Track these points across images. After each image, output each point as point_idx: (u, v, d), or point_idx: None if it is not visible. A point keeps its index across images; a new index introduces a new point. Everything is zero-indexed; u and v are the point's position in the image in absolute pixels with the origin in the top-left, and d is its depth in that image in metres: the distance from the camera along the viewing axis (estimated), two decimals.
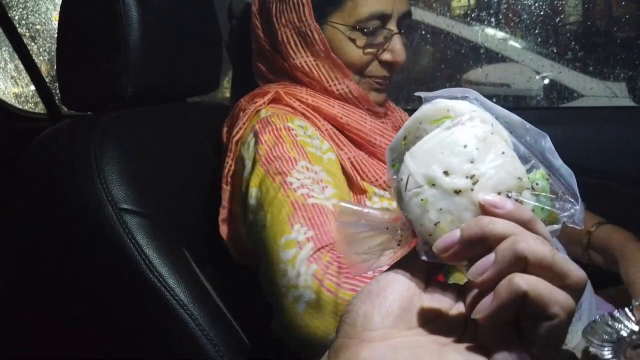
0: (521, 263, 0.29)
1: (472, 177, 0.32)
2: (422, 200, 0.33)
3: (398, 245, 0.37)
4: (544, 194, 0.33)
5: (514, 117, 0.36)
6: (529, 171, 0.34)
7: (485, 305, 0.29)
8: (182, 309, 0.72)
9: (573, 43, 1.91)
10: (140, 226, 0.74)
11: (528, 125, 0.36)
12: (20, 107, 2.22)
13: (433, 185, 0.33)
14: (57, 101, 1.76)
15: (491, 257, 0.30)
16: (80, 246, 0.77)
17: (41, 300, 1.27)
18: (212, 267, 0.88)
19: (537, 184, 0.34)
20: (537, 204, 0.33)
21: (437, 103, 0.36)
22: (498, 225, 0.30)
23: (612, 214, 1.23)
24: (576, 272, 0.30)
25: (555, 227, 0.34)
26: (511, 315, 0.29)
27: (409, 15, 0.91)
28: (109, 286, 0.77)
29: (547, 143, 0.36)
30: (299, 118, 0.85)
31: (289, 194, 0.72)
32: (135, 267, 0.72)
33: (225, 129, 0.95)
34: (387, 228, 0.37)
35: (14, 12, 1.98)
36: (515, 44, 2.03)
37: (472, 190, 0.32)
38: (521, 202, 0.32)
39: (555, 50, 1.94)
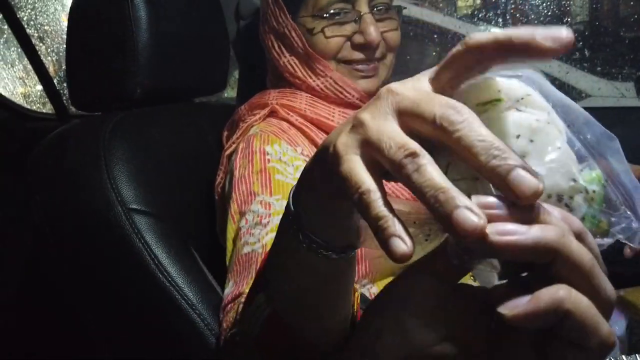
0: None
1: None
2: None
3: (426, 240, 0.32)
4: (597, 200, 0.29)
5: (575, 107, 0.31)
6: (582, 171, 0.30)
7: (518, 305, 0.25)
8: (191, 309, 0.72)
9: (580, 43, 1.91)
10: (149, 226, 0.75)
11: (591, 119, 0.31)
12: (29, 107, 2.23)
13: (476, 179, 0.28)
14: (65, 101, 1.76)
15: (522, 229, 0.25)
16: (89, 246, 0.78)
17: (50, 299, 1.27)
18: (220, 268, 0.89)
19: (592, 189, 0.29)
20: (588, 211, 0.29)
21: (487, 80, 0.30)
22: (548, 232, 0.25)
23: None
24: (609, 289, 0.26)
25: (606, 240, 0.30)
26: (543, 325, 0.25)
27: None
28: (118, 285, 0.77)
29: (614, 144, 0.31)
30: (284, 142, 0.83)
31: (237, 244, 0.72)
32: (144, 266, 0.73)
33: (225, 133, 0.96)
34: (415, 222, 0.31)
35: (23, 13, 1.99)
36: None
37: None
38: (571, 208, 0.28)
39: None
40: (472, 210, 0.24)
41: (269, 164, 0.78)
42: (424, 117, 0.27)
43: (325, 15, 0.85)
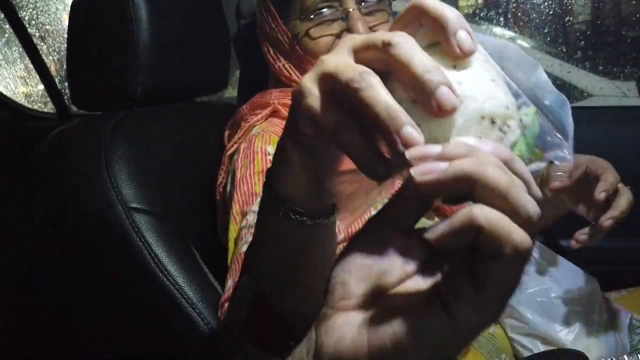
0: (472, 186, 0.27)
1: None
2: None
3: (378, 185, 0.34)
4: (530, 128, 0.32)
5: (509, 48, 0.35)
6: (518, 107, 0.32)
7: (437, 229, 0.28)
8: (191, 308, 0.72)
9: (582, 42, 1.90)
10: (149, 225, 0.75)
11: (521, 55, 0.34)
12: (30, 106, 2.24)
13: (413, 102, 0.31)
14: (66, 100, 1.77)
15: (443, 166, 0.28)
16: (89, 245, 0.78)
17: (50, 299, 1.28)
18: (221, 266, 0.89)
19: (526, 118, 0.32)
20: (522, 137, 0.31)
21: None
22: (464, 164, 0.28)
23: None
24: (530, 207, 0.27)
25: (541, 165, 0.32)
26: (464, 244, 0.27)
27: None
28: (118, 284, 0.77)
29: (539, 75, 0.34)
30: None
31: (238, 244, 0.72)
32: (144, 265, 0.73)
33: (226, 132, 0.96)
34: None
35: (24, 13, 1.99)
36: (524, 43, 2.02)
37: None
38: (504, 132, 0.30)
39: (564, 50, 1.93)
40: (415, 128, 0.29)
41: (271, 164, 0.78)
42: (374, 43, 0.31)
43: (311, 16, 0.84)
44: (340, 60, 0.32)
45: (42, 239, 0.82)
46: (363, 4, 0.86)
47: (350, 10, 0.84)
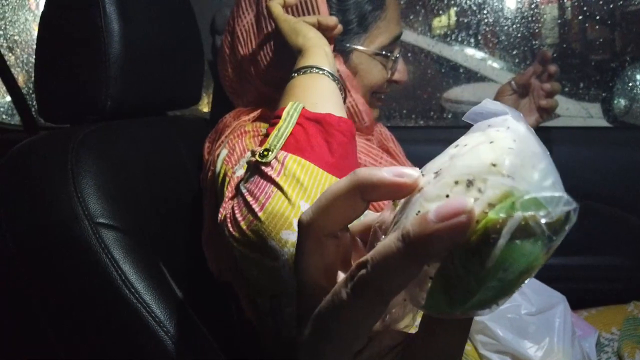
0: None
1: (438, 171, 0.27)
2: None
3: (405, 300, 0.31)
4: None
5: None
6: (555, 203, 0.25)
7: None
8: (158, 326, 0.71)
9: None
10: (116, 241, 0.73)
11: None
12: None
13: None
14: (33, 113, 1.73)
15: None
16: (55, 261, 0.75)
17: (12, 315, 1.23)
18: (190, 284, 0.87)
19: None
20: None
21: None
22: None
23: (587, 233, 1.24)
24: None
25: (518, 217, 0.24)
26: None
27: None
28: (83, 301, 0.75)
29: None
30: None
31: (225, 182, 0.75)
32: (111, 282, 0.71)
33: (207, 144, 0.94)
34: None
35: None
36: (494, 64, 2.07)
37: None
38: (482, 190, 0.25)
39: None
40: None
41: (263, 132, 0.80)
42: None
43: (389, 55, 0.91)
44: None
45: (5, 254, 0.79)
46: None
47: (398, 55, 0.94)
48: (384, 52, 0.90)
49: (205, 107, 1.72)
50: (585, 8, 1.96)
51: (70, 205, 0.73)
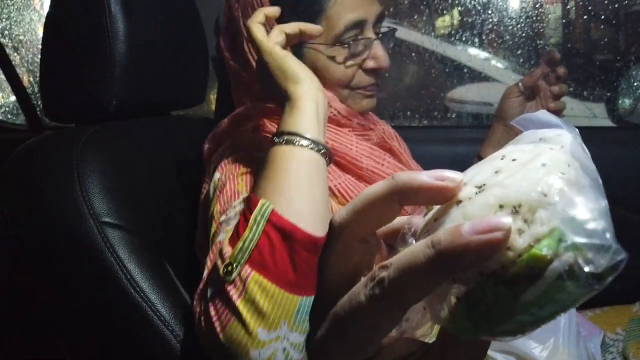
0: None
1: (481, 186, 0.25)
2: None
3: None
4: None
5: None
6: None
7: None
8: (163, 325, 0.71)
9: None
10: (121, 240, 0.73)
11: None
12: (1, 118, 2.19)
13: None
14: (38, 112, 1.73)
15: None
16: (60, 260, 0.75)
17: (19, 314, 1.23)
18: (195, 282, 0.87)
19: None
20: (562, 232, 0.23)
21: None
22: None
23: None
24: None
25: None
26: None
27: (383, 16, 0.89)
28: (88, 300, 0.75)
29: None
30: None
31: (214, 240, 0.72)
32: (116, 281, 0.71)
33: (206, 146, 0.94)
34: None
35: None
36: (497, 64, 2.07)
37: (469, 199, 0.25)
38: (529, 222, 0.23)
39: None
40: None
41: (256, 166, 0.76)
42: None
43: (345, 45, 0.84)
44: None
45: (9, 254, 0.79)
46: (379, 34, 0.89)
47: (374, 38, 0.87)
48: (336, 43, 0.84)
49: (209, 107, 1.72)
50: (589, 8, 1.96)
51: (75, 204, 0.73)
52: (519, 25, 1.91)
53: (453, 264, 0.23)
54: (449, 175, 0.26)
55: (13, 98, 1.86)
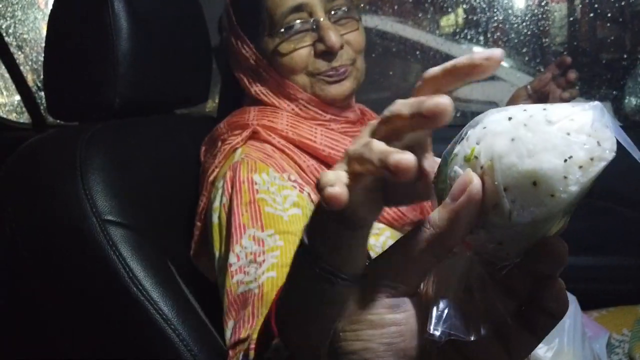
0: None
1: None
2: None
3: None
4: None
5: None
6: None
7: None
8: (166, 323, 0.71)
9: None
10: (124, 238, 0.73)
11: None
12: (5, 116, 2.19)
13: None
14: (42, 111, 1.74)
15: None
16: (62, 257, 0.75)
17: (21, 311, 1.24)
18: (197, 281, 0.87)
19: None
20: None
21: None
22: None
23: (598, 233, 1.23)
24: None
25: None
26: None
27: None
28: (91, 298, 0.75)
29: None
30: (271, 169, 0.80)
31: (227, 281, 0.70)
32: (119, 279, 0.71)
33: (203, 148, 0.94)
34: None
35: (2, 22, 1.96)
36: (503, 63, 2.06)
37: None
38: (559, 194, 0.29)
39: (541, 70, 1.96)
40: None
41: (258, 194, 0.75)
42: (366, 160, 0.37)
43: (281, 30, 0.84)
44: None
45: (13, 252, 0.79)
46: (332, 12, 0.85)
47: (321, 20, 0.84)
48: (278, 33, 0.84)
49: (212, 105, 1.72)
50: (595, 6, 1.94)
51: (78, 202, 0.73)
52: (524, 24, 1.90)
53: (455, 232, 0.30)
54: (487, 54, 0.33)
55: (17, 97, 1.86)
